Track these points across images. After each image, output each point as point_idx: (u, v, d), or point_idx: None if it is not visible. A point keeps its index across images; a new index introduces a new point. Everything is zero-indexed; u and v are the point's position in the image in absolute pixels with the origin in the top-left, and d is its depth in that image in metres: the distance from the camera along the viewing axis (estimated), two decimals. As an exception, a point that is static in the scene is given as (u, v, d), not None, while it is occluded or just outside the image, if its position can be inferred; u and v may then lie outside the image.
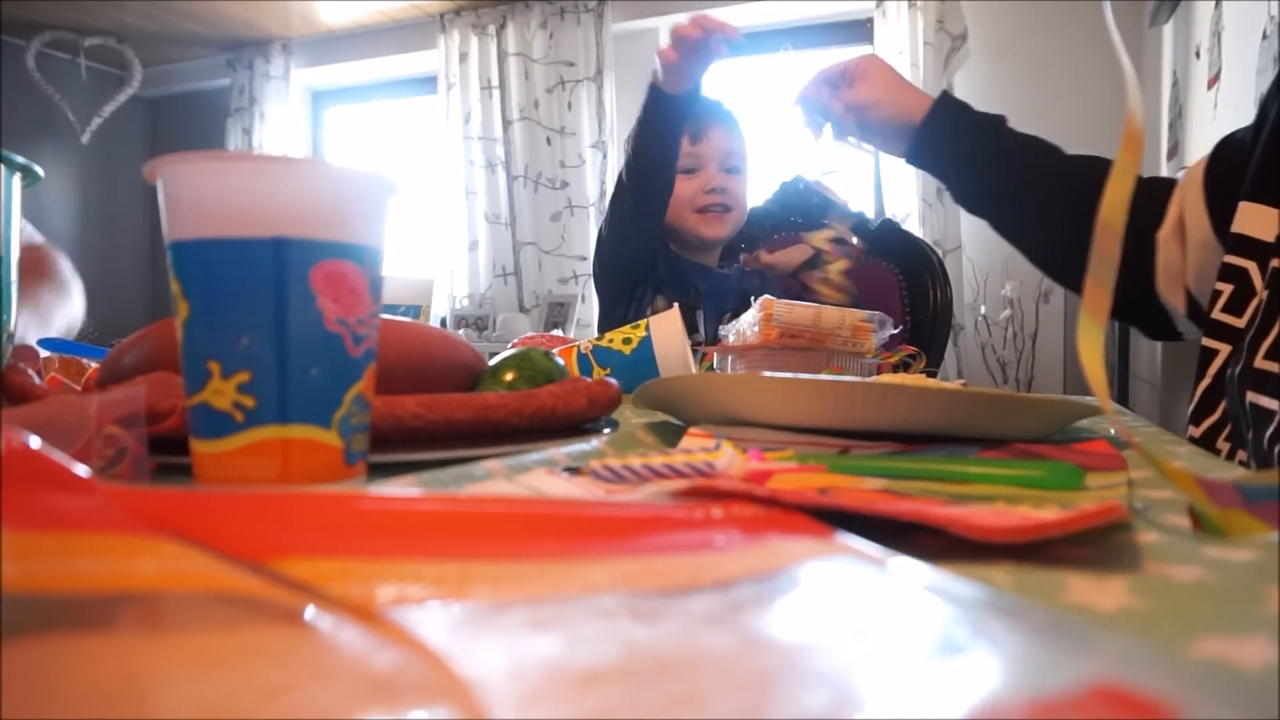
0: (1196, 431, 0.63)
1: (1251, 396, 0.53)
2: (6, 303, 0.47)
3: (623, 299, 1.25)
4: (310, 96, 3.69)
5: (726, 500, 0.28)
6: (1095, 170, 0.75)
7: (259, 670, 0.15)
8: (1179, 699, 0.13)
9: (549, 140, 3.00)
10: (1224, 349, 0.60)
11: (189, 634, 0.17)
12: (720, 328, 0.87)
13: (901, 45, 2.49)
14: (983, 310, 2.48)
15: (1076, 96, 2.44)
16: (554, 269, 3.01)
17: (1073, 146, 0.78)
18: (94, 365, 0.70)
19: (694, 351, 0.84)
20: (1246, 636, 0.18)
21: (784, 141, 2.82)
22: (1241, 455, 0.56)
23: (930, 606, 0.19)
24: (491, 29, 3.08)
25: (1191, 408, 0.63)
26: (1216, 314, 0.60)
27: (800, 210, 1.46)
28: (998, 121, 0.82)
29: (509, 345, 0.75)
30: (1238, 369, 0.55)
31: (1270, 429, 0.50)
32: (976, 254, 2.51)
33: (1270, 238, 0.55)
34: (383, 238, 0.35)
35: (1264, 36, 1.32)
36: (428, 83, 3.32)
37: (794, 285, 1.24)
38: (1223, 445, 0.60)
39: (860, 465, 0.38)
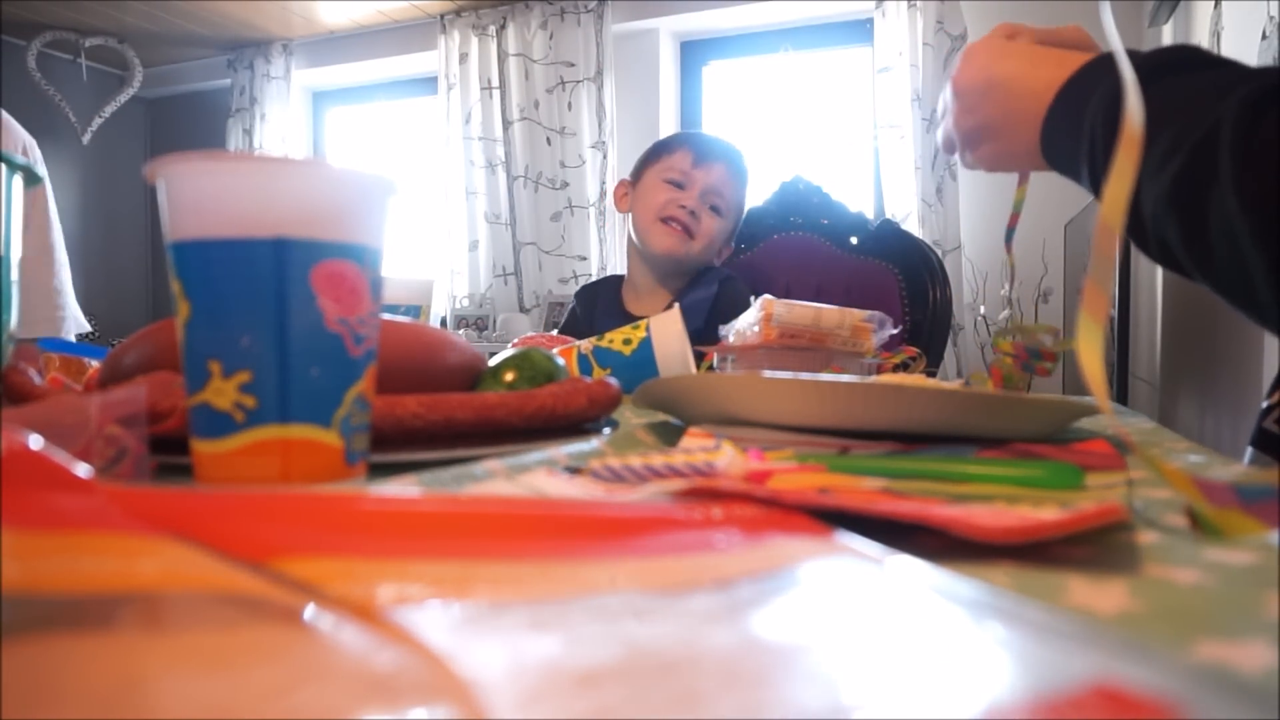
0: None
1: None
2: (6, 303, 0.47)
3: None
4: (311, 97, 3.68)
5: (726, 500, 0.28)
6: None
7: (259, 670, 0.15)
8: (1180, 699, 0.13)
9: (549, 140, 3.00)
10: None
11: (189, 634, 0.17)
12: (721, 328, 0.86)
13: (901, 46, 2.49)
14: (982, 310, 2.48)
15: (1076, 97, 2.42)
16: (554, 269, 3.00)
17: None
18: (94, 365, 0.70)
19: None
20: (1246, 641, 0.18)
21: (785, 140, 2.82)
22: None
23: (930, 606, 0.19)
24: (491, 29, 3.08)
25: None
26: None
27: (800, 210, 1.46)
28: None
29: (509, 345, 0.75)
30: None
31: None
32: (976, 254, 2.51)
33: None
34: (383, 238, 0.35)
35: (1264, 36, 1.32)
36: (428, 83, 3.32)
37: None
38: None
39: (860, 465, 0.38)
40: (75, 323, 1.25)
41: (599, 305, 1.35)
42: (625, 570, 0.21)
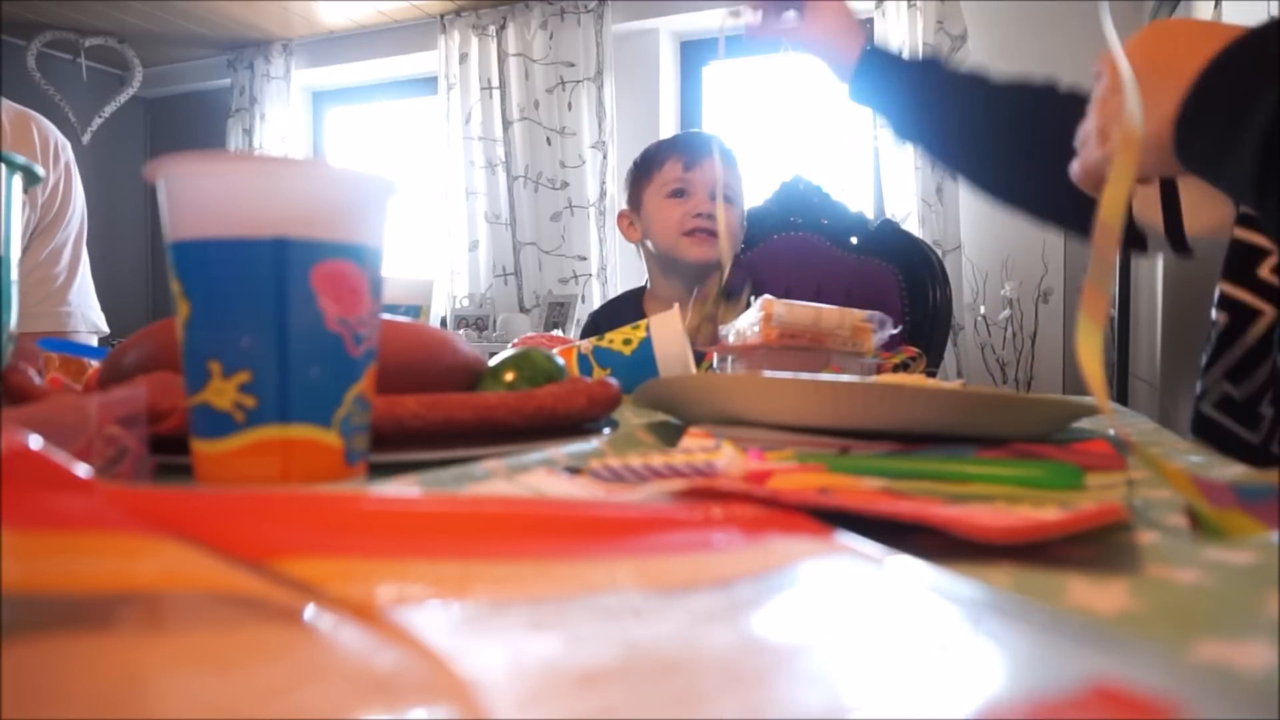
0: (1238, 393, 0.61)
1: None
2: (6, 303, 0.47)
3: None
4: (311, 97, 3.68)
5: (726, 500, 0.28)
6: (1029, 96, 0.79)
7: (259, 670, 0.15)
8: (1180, 699, 0.13)
9: (549, 140, 3.00)
10: (1269, 310, 0.58)
11: (189, 634, 0.17)
12: (721, 328, 0.87)
13: (901, 46, 2.49)
14: (982, 310, 2.48)
15: (1076, 97, 2.43)
16: (554, 269, 3.00)
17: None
18: (95, 365, 0.70)
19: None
20: (1246, 640, 0.18)
21: (785, 140, 2.82)
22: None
23: (930, 606, 0.19)
24: (491, 29, 3.08)
25: (1227, 368, 0.60)
26: (1265, 274, 0.58)
27: (800, 210, 1.46)
28: (930, 63, 0.85)
29: (509, 345, 0.75)
30: None
31: None
32: (976, 254, 2.51)
33: None
34: (383, 238, 0.35)
35: (1264, 37, 1.32)
36: (428, 83, 3.32)
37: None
38: (1266, 411, 0.58)
39: (860, 465, 0.38)
40: (85, 320, 1.21)
41: (624, 319, 1.35)
42: (625, 570, 0.21)
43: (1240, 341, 0.60)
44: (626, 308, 1.38)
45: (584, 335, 1.41)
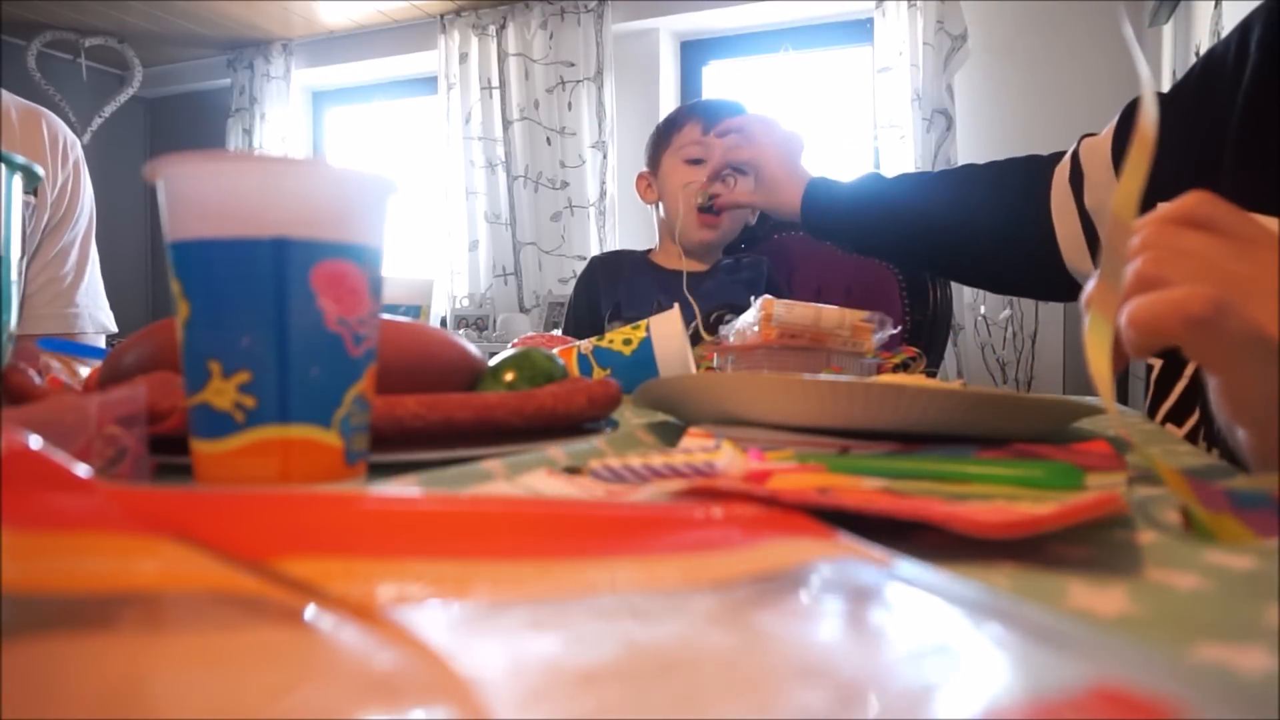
0: (1179, 433, 0.63)
1: None
2: (6, 303, 0.47)
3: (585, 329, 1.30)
4: (311, 97, 3.68)
5: (726, 500, 0.28)
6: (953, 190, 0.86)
7: (259, 670, 0.15)
8: (1180, 700, 0.13)
9: (549, 140, 3.00)
10: None
11: (189, 634, 0.17)
12: (721, 328, 0.87)
13: (901, 46, 2.49)
14: (982, 310, 2.48)
15: (1076, 96, 2.44)
16: (554, 269, 3.01)
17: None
18: (94, 365, 0.70)
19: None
20: (1246, 644, 0.18)
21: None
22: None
23: (930, 606, 0.19)
24: (491, 29, 3.08)
25: (1169, 405, 0.63)
26: None
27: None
28: (863, 194, 0.90)
29: (509, 345, 0.75)
30: None
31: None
32: (976, 254, 2.51)
33: None
34: (383, 238, 0.35)
35: (1264, 37, 1.32)
36: (428, 83, 3.32)
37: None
38: (1201, 445, 0.60)
39: (860, 465, 0.38)
40: (92, 321, 1.21)
41: (627, 266, 1.37)
42: (625, 570, 0.21)
43: (1177, 386, 0.62)
44: (628, 259, 1.39)
45: (581, 278, 1.43)
